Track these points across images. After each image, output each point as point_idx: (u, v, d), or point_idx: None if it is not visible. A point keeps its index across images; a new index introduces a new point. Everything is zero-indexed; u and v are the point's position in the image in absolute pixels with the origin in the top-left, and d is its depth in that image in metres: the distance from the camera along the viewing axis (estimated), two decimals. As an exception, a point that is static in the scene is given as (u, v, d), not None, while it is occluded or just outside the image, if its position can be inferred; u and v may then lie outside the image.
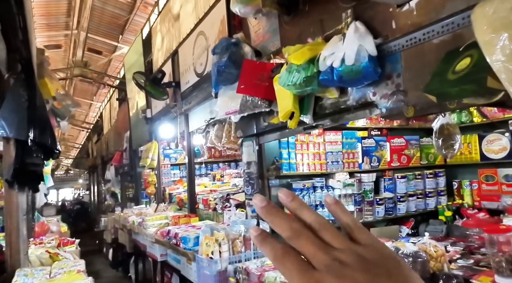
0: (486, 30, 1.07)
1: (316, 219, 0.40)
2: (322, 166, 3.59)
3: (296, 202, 0.42)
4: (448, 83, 1.30)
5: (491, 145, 3.67)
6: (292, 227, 0.39)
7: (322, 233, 0.38)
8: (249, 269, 2.52)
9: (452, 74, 1.30)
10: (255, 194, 0.46)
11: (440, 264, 1.77)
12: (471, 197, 3.89)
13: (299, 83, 2.18)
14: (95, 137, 15.23)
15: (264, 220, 0.41)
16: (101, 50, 11.13)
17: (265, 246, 0.39)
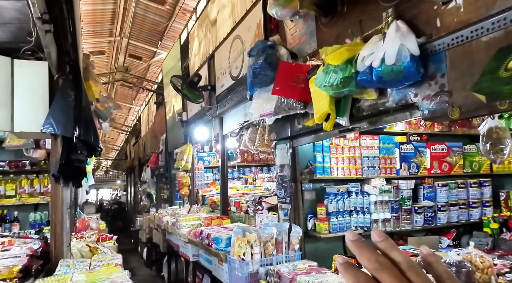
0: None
1: (406, 259, 0.43)
2: (357, 171, 3.49)
3: (388, 243, 0.45)
4: (500, 81, 1.22)
5: (544, 153, 3.39)
6: (379, 261, 0.42)
7: (409, 273, 0.41)
8: (281, 272, 2.49)
9: (504, 71, 1.22)
10: (347, 230, 0.49)
11: (488, 277, 1.66)
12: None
13: (336, 84, 2.14)
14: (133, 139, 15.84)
15: (353, 252, 0.44)
16: (141, 56, 11.60)
17: (348, 272, 0.43)
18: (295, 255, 2.92)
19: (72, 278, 2.00)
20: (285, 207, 3.42)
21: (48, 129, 2.35)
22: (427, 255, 0.46)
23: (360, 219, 3.36)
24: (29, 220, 4.98)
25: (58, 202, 2.41)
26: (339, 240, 3.48)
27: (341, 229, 3.30)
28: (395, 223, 3.50)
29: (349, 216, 3.35)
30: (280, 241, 2.93)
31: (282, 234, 2.96)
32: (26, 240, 2.81)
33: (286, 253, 2.91)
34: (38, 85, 2.49)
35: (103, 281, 1.84)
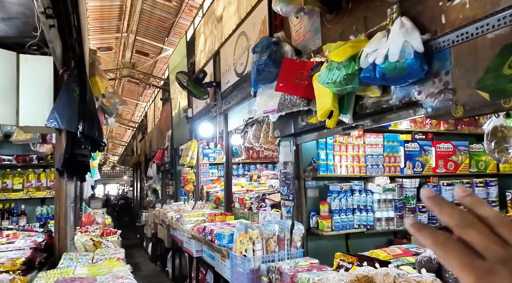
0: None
1: (496, 214, 0.39)
2: (361, 169, 3.47)
3: (474, 198, 0.41)
4: (504, 79, 1.20)
5: (552, 153, 3.34)
6: (464, 216, 0.38)
7: (500, 229, 0.37)
8: (282, 269, 2.49)
9: (508, 68, 1.20)
10: (421, 188, 0.45)
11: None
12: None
13: (339, 81, 2.13)
14: (139, 135, 15.94)
15: (432, 210, 0.41)
16: (148, 52, 11.64)
17: (423, 231, 0.39)
18: (297, 252, 2.92)
19: (75, 271, 2.02)
20: (288, 204, 3.42)
21: (53, 124, 2.37)
22: (466, 197, 0.41)
23: (363, 217, 3.34)
24: (36, 214, 5.04)
25: (62, 196, 2.44)
26: (342, 238, 3.47)
27: (343, 227, 3.29)
28: (399, 221, 3.48)
29: (352, 214, 3.34)
30: (282, 238, 2.93)
31: (284, 231, 2.96)
32: (31, 233, 2.84)
33: (288, 250, 2.91)
34: (43, 80, 2.51)
35: (105, 274, 1.86)
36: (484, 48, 1.58)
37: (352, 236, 3.49)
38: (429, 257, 1.73)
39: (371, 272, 1.88)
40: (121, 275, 1.82)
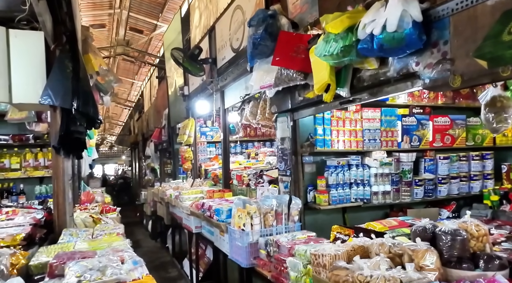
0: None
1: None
2: (358, 143, 3.48)
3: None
4: (503, 45, 1.18)
5: (549, 126, 3.35)
6: None
7: None
8: (280, 242, 2.54)
9: (508, 35, 1.17)
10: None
11: (482, 244, 1.67)
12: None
13: (336, 53, 2.09)
14: (136, 114, 15.84)
15: None
16: (142, 29, 11.37)
17: None
18: (295, 226, 2.97)
19: (75, 246, 2.05)
20: (286, 180, 3.45)
21: (47, 101, 2.34)
22: None
23: (360, 191, 3.38)
24: (35, 193, 5.08)
25: (60, 173, 2.44)
26: (339, 212, 3.52)
27: (340, 201, 3.33)
28: (395, 195, 3.53)
29: (349, 188, 3.38)
30: (280, 212, 2.97)
31: (282, 206, 2.99)
32: (30, 210, 2.87)
33: (286, 224, 2.96)
34: (35, 56, 2.46)
35: (105, 249, 1.88)
36: (484, 16, 1.54)
37: (349, 210, 3.54)
38: (424, 226, 1.76)
39: (367, 242, 1.91)
40: (121, 249, 1.85)
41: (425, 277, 1.49)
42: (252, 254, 2.81)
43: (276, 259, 2.47)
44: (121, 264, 1.48)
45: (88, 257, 1.62)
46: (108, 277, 1.30)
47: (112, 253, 1.71)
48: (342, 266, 1.72)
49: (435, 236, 1.69)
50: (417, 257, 1.59)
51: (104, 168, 30.16)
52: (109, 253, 1.72)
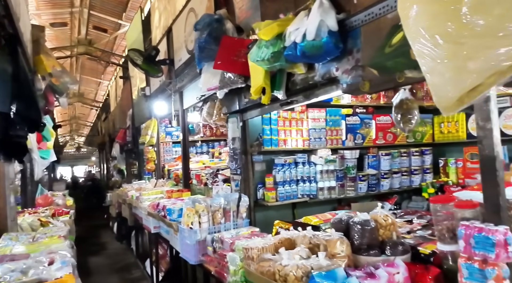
0: (405, 3, 1.11)
1: None
2: (304, 142, 3.66)
3: None
4: (385, 57, 1.34)
5: (477, 123, 3.65)
6: None
7: None
8: (223, 238, 2.65)
9: (388, 47, 1.34)
10: None
11: (389, 232, 1.86)
12: (456, 175, 3.92)
13: (267, 59, 2.23)
14: (103, 115, 15.52)
15: None
16: (106, 28, 11.15)
17: None
18: (243, 222, 3.09)
19: (12, 250, 2.08)
20: (237, 178, 3.57)
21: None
22: None
23: (307, 187, 3.56)
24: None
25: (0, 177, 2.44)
26: (288, 208, 3.69)
27: (288, 197, 3.49)
28: (340, 190, 3.73)
29: (296, 185, 3.54)
30: (228, 210, 3.09)
31: (231, 204, 3.11)
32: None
33: (235, 221, 3.08)
34: (-28, 60, 2.44)
35: (41, 251, 1.92)
36: (385, 28, 1.71)
37: (298, 206, 3.71)
38: (340, 218, 1.92)
39: (294, 235, 2.06)
40: (56, 251, 1.89)
41: (334, 264, 1.65)
42: (200, 251, 2.91)
43: (219, 255, 2.59)
44: (48, 266, 1.54)
45: (18, 259, 1.67)
46: (28, 278, 1.36)
47: (45, 255, 1.76)
48: (267, 257, 1.86)
49: (349, 227, 1.86)
50: (330, 246, 1.75)
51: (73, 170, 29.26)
52: (43, 255, 1.76)
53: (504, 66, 0.85)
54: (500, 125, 3.62)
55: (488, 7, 0.88)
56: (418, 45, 1.06)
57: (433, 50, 1.01)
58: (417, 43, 1.06)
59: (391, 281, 1.55)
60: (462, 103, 0.96)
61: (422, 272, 1.64)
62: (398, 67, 1.32)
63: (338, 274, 1.53)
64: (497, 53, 0.85)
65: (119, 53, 11.65)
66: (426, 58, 1.03)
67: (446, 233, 1.64)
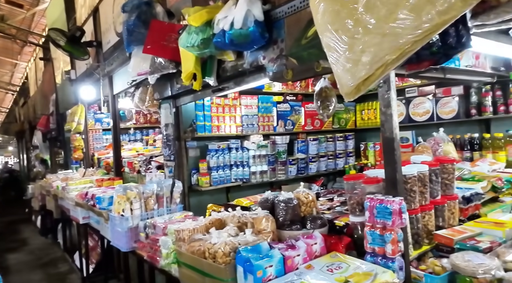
0: (314, 0, 1.23)
1: None
2: (238, 128, 3.77)
3: None
4: (301, 47, 1.47)
5: (391, 111, 4.08)
6: None
7: None
8: (156, 223, 2.66)
9: (304, 39, 1.47)
10: None
11: (310, 208, 2.05)
12: (374, 158, 4.35)
13: (197, 45, 2.25)
14: (21, 100, 14.07)
15: None
16: (21, 3, 10.03)
17: None
18: (177, 208, 3.12)
19: None
20: (170, 165, 3.56)
21: None
22: None
23: (240, 172, 3.69)
24: None
25: None
26: (222, 192, 3.79)
27: (221, 182, 3.59)
28: (272, 174, 3.93)
29: (230, 169, 3.65)
30: (162, 196, 3.08)
31: (164, 190, 3.11)
32: None
33: (168, 206, 3.09)
34: None
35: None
36: (305, 20, 1.85)
37: (232, 190, 3.83)
38: (266, 198, 2.07)
39: (225, 216, 2.17)
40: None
41: (260, 239, 1.78)
42: (132, 238, 2.88)
43: (152, 240, 2.60)
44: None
45: None
46: None
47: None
48: (197, 238, 1.94)
49: (274, 205, 2.01)
50: (256, 223, 1.88)
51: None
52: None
53: (388, 60, 1.01)
54: (409, 112, 4.09)
55: (377, 8, 1.03)
56: (325, 38, 1.19)
57: (336, 43, 1.15)
58: (325, 37, 1.19)
59: (309, 251, 1.73)
60: (359, 91, 1.12)
61: (336, 242, 1.85)
62: (312, 57, 1.46)
63: (262, 248, 1.67)
64: (383, 48, 1.01)
65: (39, 32, 10.59)
66: (332, 50, 1.17)
67: (356, 206, 1.87)
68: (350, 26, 1.10)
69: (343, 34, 1.12)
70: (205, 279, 1.79)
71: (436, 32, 0.93)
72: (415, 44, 0.98)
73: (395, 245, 1.58)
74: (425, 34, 0.95)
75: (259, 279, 1.54)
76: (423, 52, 1.10)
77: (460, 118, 3.61)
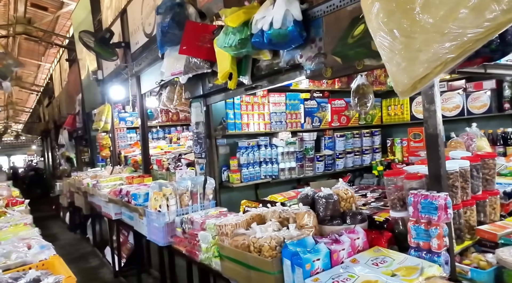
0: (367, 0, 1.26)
1: None
2: (266, 125, 3.82)
3: None
4: (348, 47, 1.50)
5: (419, 106, 4.06)
6: None
7: None
8: (193, 218, 2.74)
9: (351, 38, 1.50)
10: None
11: (350, 204, 2.08)
12: (401, 154, 4.34)
13: (235, 45, 2.31)
14: (46, 100, 14.50)
15: None
16: (46, 5, 10.32)
17: None
18: (210, 204, 3.20)
19: (-24, 239, 2.01)
20: (201, 162, 3.65)
21: None
22: None
23: (269, 168, 3.74)
24: None
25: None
26: (252, 188, 3.86)
27: (251, 178, 3.65)
28: (300, 170, 3.97)
29: (259, 166, 3.71)
30: (195, 192, 3.17)
31: (197, 186, 3.19)
32: None
33: (201, 203, 3.17)
34: None
35: (10, 238, 1.90)
36: (345, 19, 1.88)
37: (261, 186, 3.89)
38: (306, 193, 2.12)
39: (264, 211, 2.23)
40: (28, 237, 1.88)
41: (303, 233, 1.83)
42: (169, 233, 2.98)
43: (190, 235, 2.69)
44: (28, 250, 1.55)
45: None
46: (13, 261, 1.37)
47: (17, 241, 1.75)
48: (241, 232, 2.01)
49: (314, 201, 2.06)
50: (298, 219, 1.93)
51: (11, 160, 27.11)
52: (14, 241, 1.75)
53: (448, 58, 1.04)
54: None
55: (435, 8, 1.06)
56: (379, 38, 1.22)
57: (391, 42, 1.18)
58: (378, 36, 1.22)
59: (352, 245, 1.77)
60: (415, 89, 1.15)
61: (378, 237, 1.88)
62: (359, 56, 1.49)
63: (308, 242, 1.72)
64: (442, 47, 1.03)
65: (63, 33, 10.88)
66: (386, 49, 1.20)
67: (397, 202, 1.89)
68: (406, 25, 1.13)
69: (399, 33, 1.15)
70: (250, 271, 1.86)
71: (500, 30, 0.95)
72: (477, 43, 1.00)
73: (440, 240, 1.60)
74: (488, 33, 0.97)
75: (308, 272, 1.59)
76: (483, 49, 1.12)
77: (492, 112, 3.56)
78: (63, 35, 10.68)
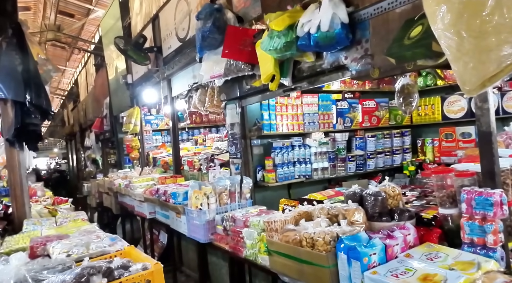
0: (432, 3, 1.32)
1: None
2: (299, 126, 3.89)
3: None
4: (404, 47, 1.56)
5: (451, 106, 4.06)
6: None
7: None
8: (235, 216, 2.83)
9: (407, 39, 1.56)
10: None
11: (397, 202, 2.13)
12: (432, 154, 4.33)
13: (280, 48, 2.39)
14: (70, 104, 14.93)
15: None
16: (73, 13, 10.70)
17: None
18: (247, 202, 3.28)
19: (42, 233, 2.15)
20: (237, 162, 3.74)
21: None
22: None
23: (303, 168, 3.81)
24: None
25: (15, 165, 2.45)
26: (284, 188, 3.93)
27: (286, 178, 3.73)
28: (332, 170, 4.02)
29: (293, 166, 3.78)
30: (233, 191, 3.26)
31: (235, 186, 3.28)
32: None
33: (239, 201, 3.26)
34: (-21, 49, 2.41)
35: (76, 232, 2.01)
36: (394, 21, 1.94)
37: (293, 186, 3.95)
38: (354, 191, 2.17)
39: (310, 208, 2.29)
40: (93, 231, 2.00)
41: (355, 229, 1.89)
42: (209, 231, 3.08)
43: (233, 232, 2.77)
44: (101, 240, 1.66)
45: (64, 239, 1.76)
46: (94, 250, 1.48)
47: (86, 234, 1.87)
48: (290, 228, 2.08)
49: (362, 198, 2.11)
50: (348, 215, 1.99)
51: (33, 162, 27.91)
52: (83, 234, 1.87)
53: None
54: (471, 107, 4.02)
55: (508, 9, 1.12)
56: (444, 39, 1.28)
57: (458, 43, 1.23)
58: (444, 37, 1.28)
59: (405, 240, 1.82)
60: (484, 87, 1.20)
61: (428, 233, 1.92)
62: (417, 56, 1.54)
63: (362, 237, 1.77)
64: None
65: (89, 39, 11.23)
66: (453, 49, 1.26)
67: (446, 199, 1.93)
68: (475, 26, 1.19)
69: (467, 34, 1.20)
70: (303, 266, 1.92)
71: None
72: (550, 42, 1.05)
73: (496, 236, 1.63)
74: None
75: (365, 266, 1.65)
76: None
77: (529, 112, 3.54)
78: (89, 41, 11.01)
